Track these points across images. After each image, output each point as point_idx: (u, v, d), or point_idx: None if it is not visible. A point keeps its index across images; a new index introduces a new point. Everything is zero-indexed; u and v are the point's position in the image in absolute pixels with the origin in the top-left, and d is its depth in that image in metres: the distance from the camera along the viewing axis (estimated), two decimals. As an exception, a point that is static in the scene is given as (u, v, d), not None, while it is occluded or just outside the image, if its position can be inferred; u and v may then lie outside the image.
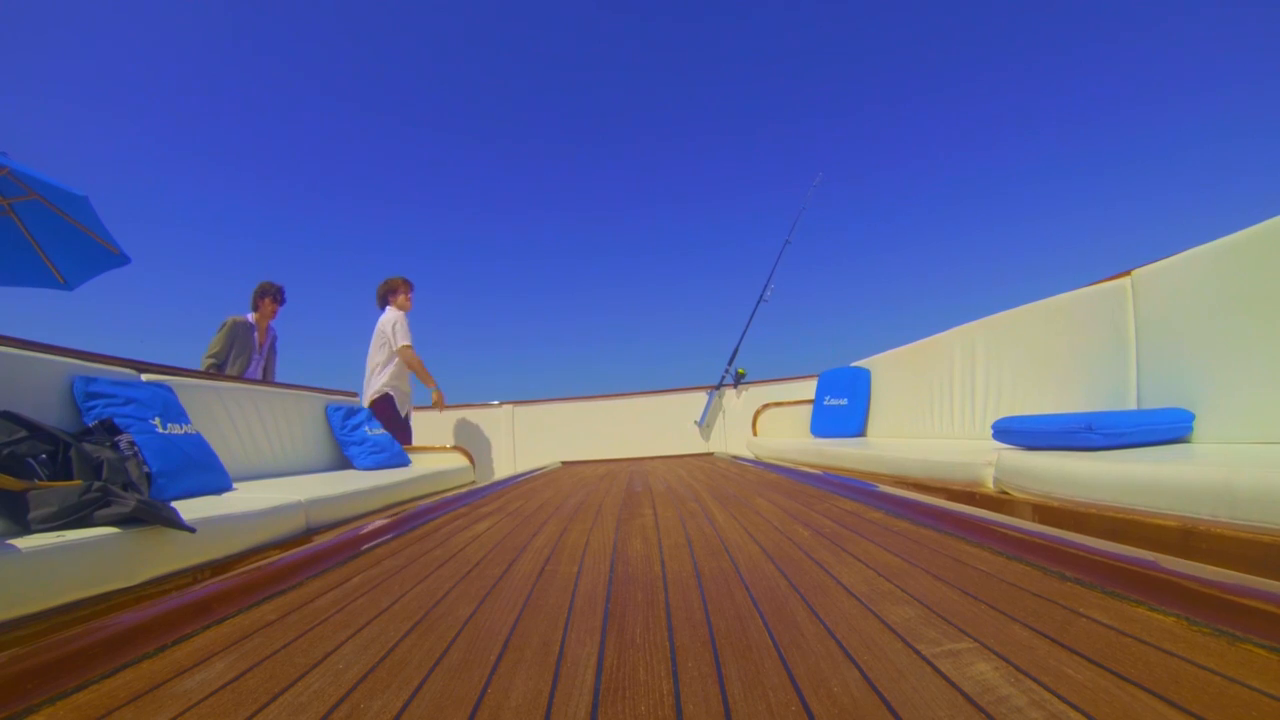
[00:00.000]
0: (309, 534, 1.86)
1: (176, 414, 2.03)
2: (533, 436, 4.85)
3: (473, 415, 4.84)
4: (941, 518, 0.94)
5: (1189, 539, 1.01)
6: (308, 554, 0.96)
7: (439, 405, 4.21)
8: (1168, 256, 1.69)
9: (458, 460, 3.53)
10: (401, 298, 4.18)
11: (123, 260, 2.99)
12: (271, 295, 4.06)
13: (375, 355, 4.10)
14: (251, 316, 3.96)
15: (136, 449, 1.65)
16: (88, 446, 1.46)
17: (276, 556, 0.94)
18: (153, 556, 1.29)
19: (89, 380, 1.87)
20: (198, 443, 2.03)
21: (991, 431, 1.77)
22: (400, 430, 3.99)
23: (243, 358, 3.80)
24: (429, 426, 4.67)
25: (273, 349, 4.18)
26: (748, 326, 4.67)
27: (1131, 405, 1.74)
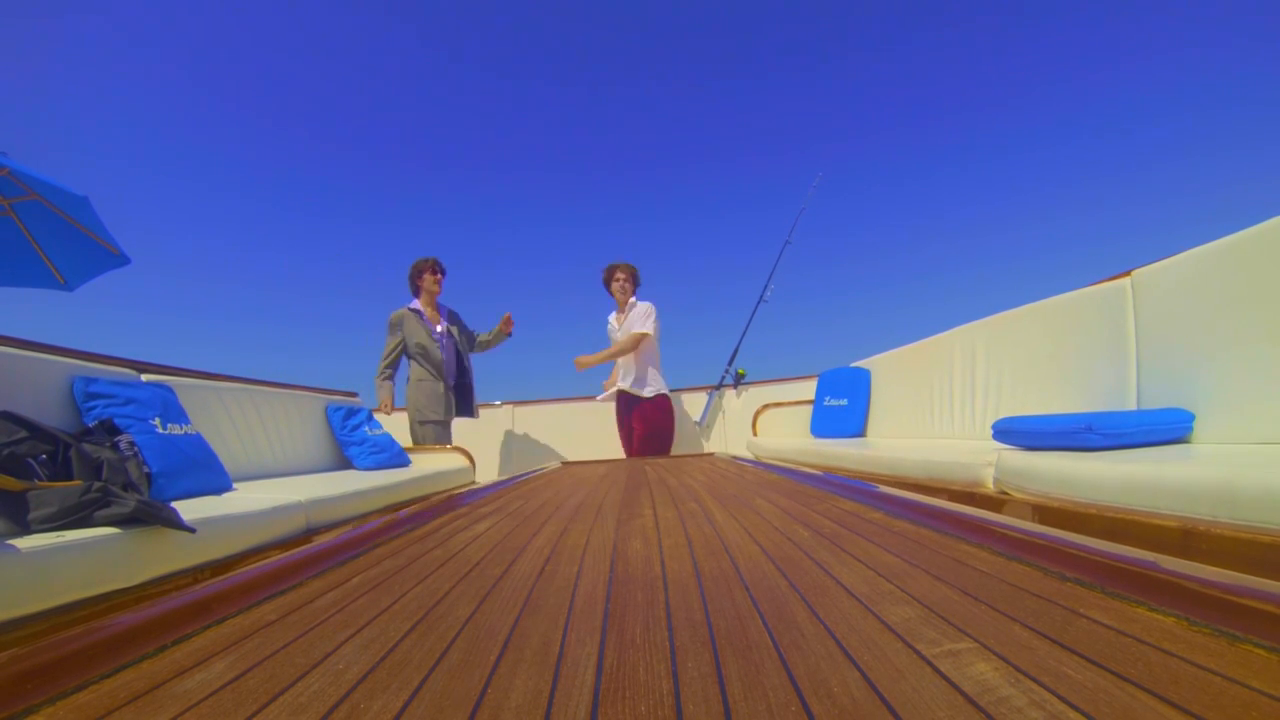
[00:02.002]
0: (309, 534, 1.86)
1: (176, 414, 2.03)
2: (533, 436, 4.85)
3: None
4: (942, 518, 0.94)
5: (1189, 539, 1.01)
6: (308, 554, 0.96)
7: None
8: (1168, 256, 1.69)
9: (458, 460, 3.53)
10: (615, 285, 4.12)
11: (123, 261, 2.99)
12: (429, 269, 3.80)
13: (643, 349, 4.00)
14: (416, 303, 3.83)
15: (136, 449, 1.65)
16: (88, 447, 1.46)
17: (277, 557, 0.94)
18: (153, 557, 1.29)
19: (89, 380, 1.87)
20: (198, 443, 2.03)
21: (991, 432, 1.77)
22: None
23: (419, 340, 3.69)
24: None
25: (460, 325, 3.99)
26: (748, 327, 4.67)
27: (1131, 405, 1.74)
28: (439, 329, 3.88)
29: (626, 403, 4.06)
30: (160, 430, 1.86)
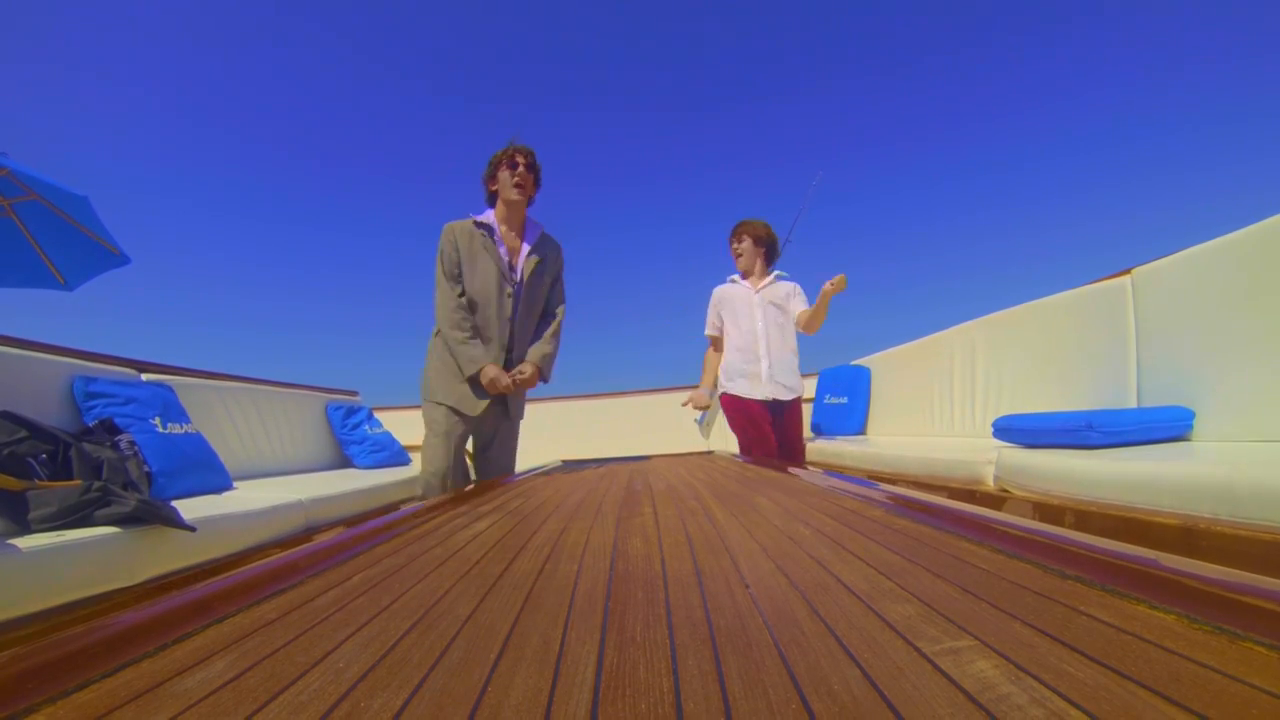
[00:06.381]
0: (309, 533, 1.86)
1: (177, 413, 2.03)
2: (532, 434, 4.84)
3: None
4: (942, 516, 0.94)
5: (1189, 537, 1.01)
6: (308, 553, 0.96)
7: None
8: (1168, 255, 1.69)
9: (458, 459, 3.52)
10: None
11: (123, 261, 3.00)
12: (504, 160, 2.27)
13: (790, 335, 2.97)
14: (489, 214, 2.32)
15: (137, 448, 1.65)
16: (88, 446, 1.46)
17: (276, 555, 0.94)
18: (153, 556, 1.29)
19: (89, 380, 1.87)
20: (198, 442, 2.03)
21: (992, 430, 1.77)
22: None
23: (480, 271, 2.26)
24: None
25: (555, 263, 2.44)
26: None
27: (1132, 403, 1.74)
28: (518, 261, 2.32)
29: (773, 409, 2.92)
30: (160, 429, 1.86)
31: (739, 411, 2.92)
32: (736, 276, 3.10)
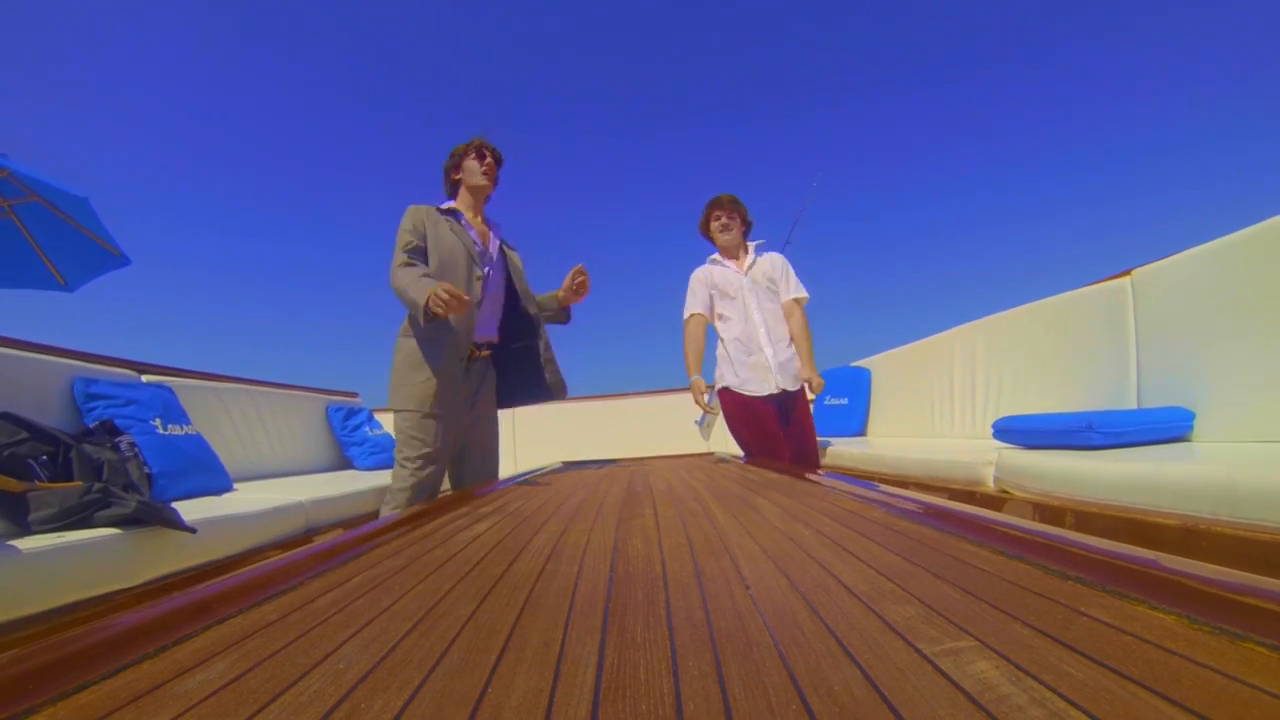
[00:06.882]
0: (309, 534, 1.86)
1: (177, 415, 2.03)
2: (533, 436, 4.85)
3: None
4: (942, 517, 0.94)
5: (1190, 538, 1.01)
6: (308, 554, 0.96)
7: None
8: (1168, 256, 1.69)
9: (458, 460, 3.51)
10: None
11: (123, 262, 3.00)
12: (471, 151, 2.23)
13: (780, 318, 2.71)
14: (450, 204, 2.25)
15: (137, 450, 1.65)
16: (88, 447, 1.46)
17: (277, 557, 0.94)
18: (153, 557, 1.29)
19: (90, 381, 1.87)
20: (198, 443, 2.03)
21: (992, 431, 1.78)
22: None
23: (445, 249, 2.09)
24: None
25: (517, 258, 2.38)
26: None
27: (1132, 404, 1.74)
28: (490, 246, 2.26)
29: (780, 403, 2.63)
30: (161, 431, 1.86)
31: (745, 411, 2.61)
32: (717, 256, 2.83)
